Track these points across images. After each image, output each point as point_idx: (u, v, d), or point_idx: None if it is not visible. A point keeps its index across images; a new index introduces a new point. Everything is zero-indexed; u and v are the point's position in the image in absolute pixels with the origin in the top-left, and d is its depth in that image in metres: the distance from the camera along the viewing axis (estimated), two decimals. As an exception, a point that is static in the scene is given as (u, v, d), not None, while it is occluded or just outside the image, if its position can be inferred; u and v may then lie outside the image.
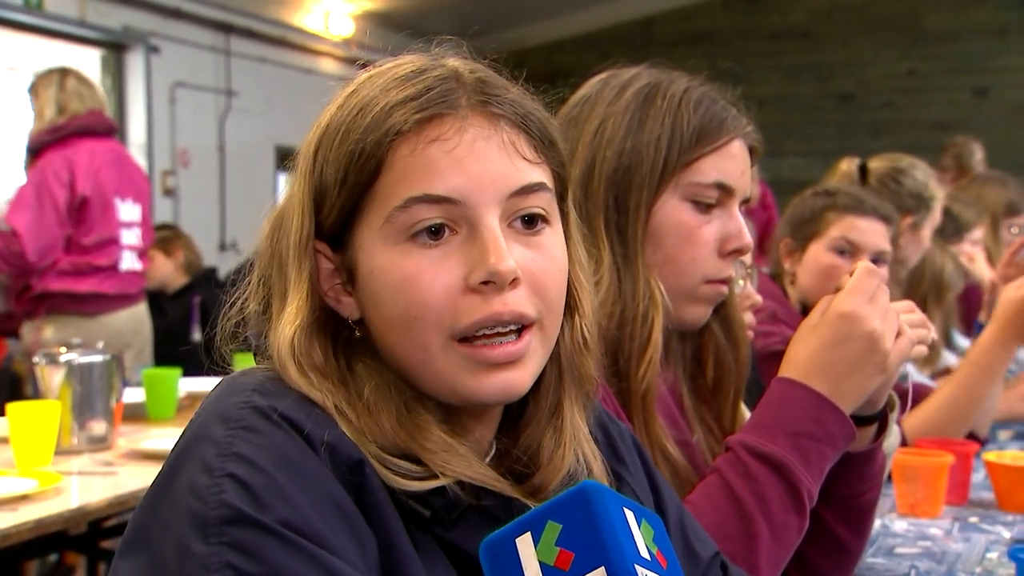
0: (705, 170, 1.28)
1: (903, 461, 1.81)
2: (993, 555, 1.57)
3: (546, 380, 0.92)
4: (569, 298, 0.92)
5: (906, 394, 1.41)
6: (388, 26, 8.05)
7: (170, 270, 5.08)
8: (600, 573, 0.76)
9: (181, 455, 0.79)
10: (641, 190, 1.28)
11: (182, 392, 2.93)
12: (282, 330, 0.85)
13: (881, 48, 8.70)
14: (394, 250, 0.84)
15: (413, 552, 0.80)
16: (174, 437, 0.86)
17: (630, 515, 0.81)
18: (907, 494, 1.81)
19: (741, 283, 1.46)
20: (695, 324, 1.35)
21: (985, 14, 8.44)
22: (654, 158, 1.27)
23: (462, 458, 0.84)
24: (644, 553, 0.79)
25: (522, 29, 8.94)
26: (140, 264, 4.18)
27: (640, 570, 0.77)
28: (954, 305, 3.16)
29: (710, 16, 9.17)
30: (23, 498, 1.96)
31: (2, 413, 2.34)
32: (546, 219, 0.88)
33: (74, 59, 5.80)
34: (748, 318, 1.51)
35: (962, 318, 3.29)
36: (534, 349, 0.86)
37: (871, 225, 2.27)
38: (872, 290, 1.20)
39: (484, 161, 0.84)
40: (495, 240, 0.83)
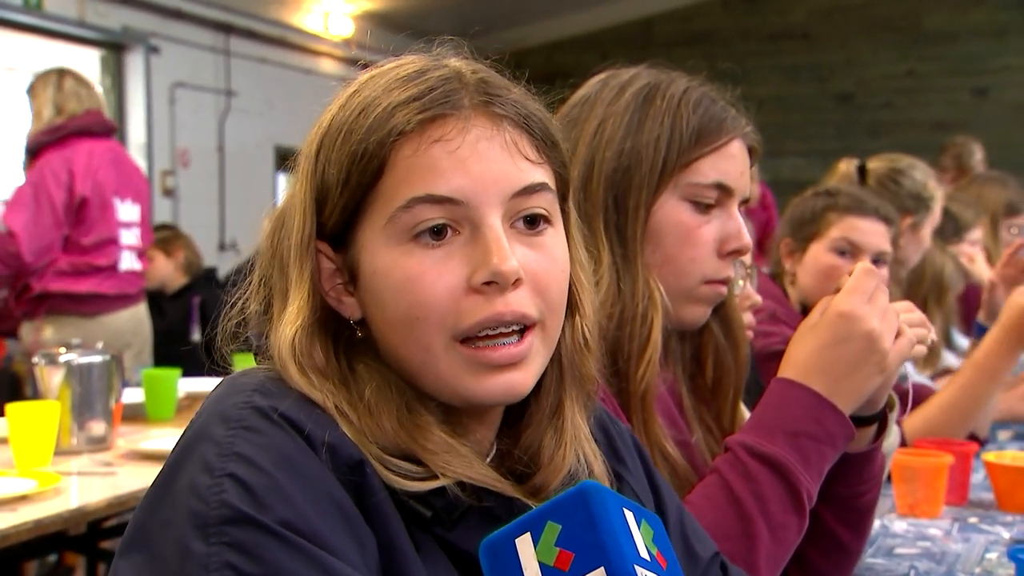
0: (704, 170, 1.28)
1: (902, 461, 1.81)
2: (992, 555, 1.57)
3: (547, 380, 0.92)
4: (570, 298, 0.92)
5: (906, 395, 1.41)
6: (388, 26, 8.04)
7: (170, 270, 5.08)
8: (600, 573, 0.76)
9: (182, 455, 0.79)
10: (640, 190, 1.28)
11: (181, 393, 2.93)
12: (283, 330, 0.85)
13: (880, 48, 8.71)
14: (397, 250, 0.84)
15: (414, 552, 0.80)
16: (173, 438, 0.86)
17: (630, 516, 0.81)
18: (906, 494, 1.81)
19: (741, 283, 1.46)
20: (694, 324, 1.35)
21: (985, 14, 8.44)
22: (653, 158, 1.27)
23: (463, 458, 0.84)
24: (644, 554, 0.79)
25: (522, 29, 8.94)
26: (139, 264, 4.18)
27: (640, 570, 0.76)
28: (954, 305, 3.16)
29: (710, 16, 9.17)
30: (22, 498, 1.96)
31: (1, 413, 2.34)
32: (548, 219, 0.88)
33: (74, 59, 5.80)
34: (748, 318, 1.51)
35: (962, 318, 3.28)
36: (536, 350, 0.86)
37: (872, 226, 2.27)
38: (871, 290, 1.20)
39: (487, 161, 0.84)
40: (498, 240, 0.83)
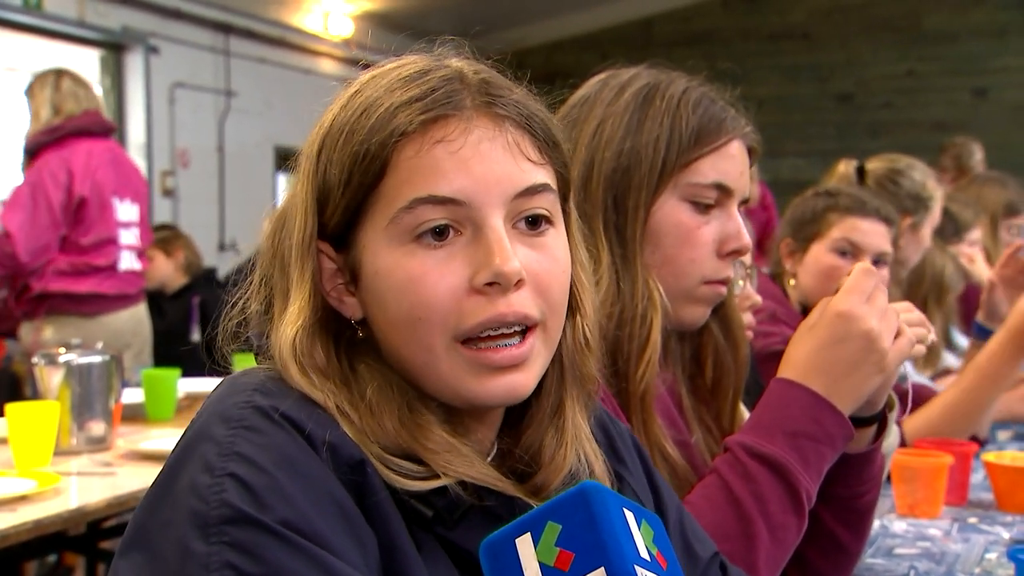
0: (704, 171, 1.28)
1: (902, 462, 1.81)
2: (992, 556, 1.57)
3: (548, 380, 0.92)
4: (571, 298, 0.92)
5: (906, 395, 1.41)
6: (387, 26, 8.04)
7: (170, 270, 5.08)
8: (600, 574, 0.76)
9: (182, 454, 0.79)
10: (640, 190, 1.28)
11: (181, 393, 2.93)
12: (284, 330, 0.85)
13: (880, 49, 8.71)
14: (399, 251, 0.84)
15: (415, 552, 0.80)
16: (173, 438, 0.86)
17: (630, 516, 0.81)
18: (906, 495, 1.81)
19: (741, 284, 1.46)
20: (694, 325, 1.35)
21: (984, 15, 8.44)
22: (653, 158, 1.27)
23: (464, 458, 0.84)
24: (644, 554, 0.79)
25: (522, 29, 8.94)
26: (139, 264, 4.17)
27: (640, 571, 0.76)
28: (954, 306, 3.16)
29: (710, 16, 9.17)
30: (22, 499, 1.95)
31: (1, 413, 2.34)
32: (550, 220, 0.88)
33: (73, 60, 5.80)
34: (748, 318, 1.51)
35: (962, 319, 3.28)
36: (537, 351, 0.86)
37: (873, 226, 2.27)
38: (869, 289, 1.20)
39: (489, 162, 0.84)
40: (500, 241, 0.83)
